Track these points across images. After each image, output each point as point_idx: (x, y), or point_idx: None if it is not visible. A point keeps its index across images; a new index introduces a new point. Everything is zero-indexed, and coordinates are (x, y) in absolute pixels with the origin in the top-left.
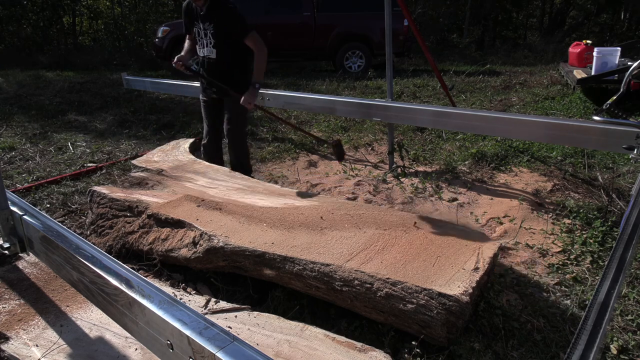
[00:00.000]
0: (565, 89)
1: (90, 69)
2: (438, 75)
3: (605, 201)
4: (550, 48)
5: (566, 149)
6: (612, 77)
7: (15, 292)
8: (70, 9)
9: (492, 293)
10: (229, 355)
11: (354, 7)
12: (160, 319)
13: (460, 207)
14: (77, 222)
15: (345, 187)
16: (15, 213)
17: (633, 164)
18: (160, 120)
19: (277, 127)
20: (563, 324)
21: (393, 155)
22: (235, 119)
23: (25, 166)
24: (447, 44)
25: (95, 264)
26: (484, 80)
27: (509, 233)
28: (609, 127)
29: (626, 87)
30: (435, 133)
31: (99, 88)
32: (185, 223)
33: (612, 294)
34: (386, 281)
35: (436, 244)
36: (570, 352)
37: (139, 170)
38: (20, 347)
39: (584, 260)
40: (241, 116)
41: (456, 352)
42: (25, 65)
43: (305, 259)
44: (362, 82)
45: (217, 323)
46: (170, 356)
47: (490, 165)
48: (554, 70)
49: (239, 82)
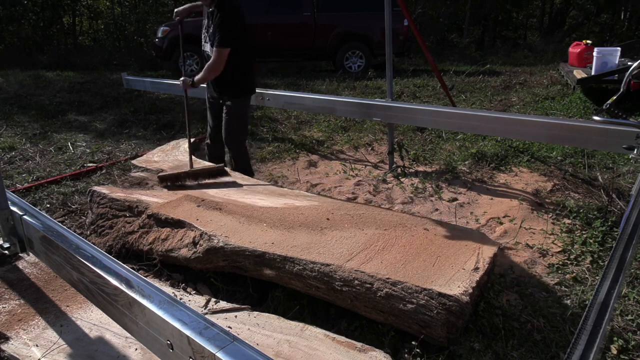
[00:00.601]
0: (565, 89)
1: (90, 69)
2: (438, 75)
3: (605, 201)
4: (550, 48)
5: (566, 149)
6: (612, 77)
7: (15, 292)
8: (70, 9)
9: (492, 293)
10: (229, 355)
11: (354, 7)
12: (160, 319)
13: (460, 207)
14: (77, 222)
15: (345, 187)
16: (15, 213)
17: (633, 164)
18: (160, 120)
19: (277, 127)
20: (563, 324)
21: (393, 155)
22: (231, 123)
23: (25, 166)
24: (447, 44)
25: (95, 264)
26: (484, 80)
27: (509, 233)
28: (609, 127)
29: (626, 87)
30: (435, 133)
31: (99, 88)
32: (185, 223)
33: (612, 294)
34: (386, 281)
35: (436, 244)
36: (570, 352)
37: (139, 170)
38: (20, 347)
39: (584, 260)
40: (236, 121)
41: (456, 352)
42: (25, 65)
43: (305, 259)
44: (362, 82)
45: (217, 323)
46: (170, 356)
47: (490, 165)
48: (554, 70)
49: (232, 84)
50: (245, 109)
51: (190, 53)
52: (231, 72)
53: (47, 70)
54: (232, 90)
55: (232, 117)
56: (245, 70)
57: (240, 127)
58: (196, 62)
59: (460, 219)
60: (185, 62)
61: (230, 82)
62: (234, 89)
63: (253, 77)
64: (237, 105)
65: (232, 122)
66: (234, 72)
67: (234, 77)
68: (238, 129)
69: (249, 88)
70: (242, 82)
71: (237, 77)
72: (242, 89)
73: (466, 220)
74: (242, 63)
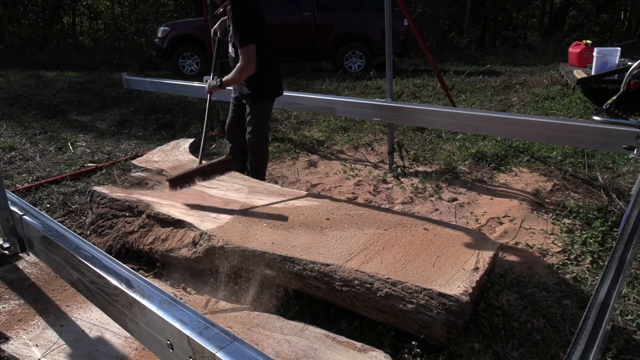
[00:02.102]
0: (565, 89)
1: (90, 69)
2: (438, 75)
3: (605, 201)
4: (550, 48)
5: (566, 149)
6: (612, 77)
7: (15, 292)
8: (70, 8)
9: (492, 293)
10: (229, 355)
11: (354, 7)
12: (160, 319)
13: (460, 207)
14: (77, 222)
15: (345, 187)
16: (15, 213)
17: (633, 164)
18: (160, 120)
19: (277, 127)
20: (563, 324)
21: (393, 155)
22: (252, 125)
23: (25, 166)
24: (447, 44)
25: (95, 264)
26: (484, 80)
27: (509, 233)
28: (609, 127)
29: (626, 87)
30: (435, 133)
31: (99, 88)
32: (185, 223)
33: (612, 294)
34: (386, 281)
35: (436, 244)
36: (570, 352)
37: (139, 170)
38: (20, 347)
39: (584, 260)
40: (259, 123)
41: (456, 352)
42: (25, 65)
43: (305, 259)
44: (362, 82)
45: (217, 323)
46: (170, 356)
47: (490, 165)
48: (554, 70)
49: (252, 86)
50: (267, 111)
51: (191, 53)
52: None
53: (47, 70)
54: (251, 94)
55: (253, 120)
56: (266, 70)
57: (261, 130)
58: (196, 62)
59: (460, 219)
60: (186, 62)
61: (250, 83)
62: (252, 93)
63: (274, 79)
64: (256, 110)
65: (252, 124)
66: (254, 73)
67: (254, 79)
68: (260, 132)
69: (268, 92)
70: (258, 86)
71: (257, 78)
72: (259, 93)
73: (466, 220)
74: (262, 64)
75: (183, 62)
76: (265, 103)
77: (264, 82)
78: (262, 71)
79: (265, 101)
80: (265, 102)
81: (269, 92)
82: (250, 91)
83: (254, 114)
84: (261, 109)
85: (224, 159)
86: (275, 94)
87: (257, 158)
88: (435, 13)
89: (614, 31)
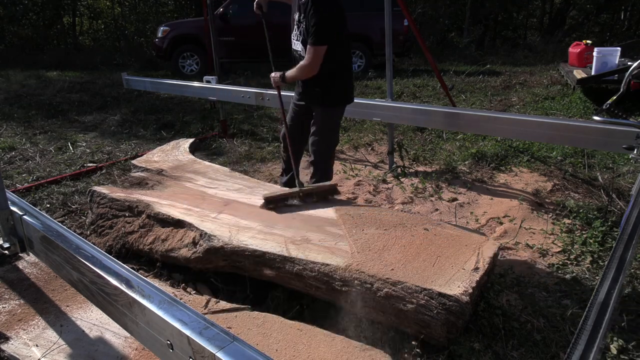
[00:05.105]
0: (565, 89)
1: (90, 69)
2: (438, 75)
3: (605, 201)
4: (550, 48)
5: (566, 149)
6: (612, 77)
7: (15, 292)
8: (71, 8)
9: (492, 293)
10: (229, 355)
11: (353, 7)
12: (160, 319)
13: (460, 207)
14: (77, 222)
15: (345, 187)
16: (15, 213)
17: (633, 164)
18: (160, 120)
19: (277, 127)
20: (563, 324)
21: (393, 155)
22: (321, 131)
23: (25, 166)
24: (447, 44)
25: (95, 264)
26: (484, 80)
27: (509, 233)
28: (609, 127)
29: (626, 87)
30: (435, 133)
31: (99, 88)
32: (185, 223)
33: (612, 294)
34: (386, 281)
35: (436, 244)
36: (570, 352)
37: (139, 170)
38: (20, 347)
39: (584, 260)
40: (329, 131)
41: (456, 352)
42: (25, 65)
43: (305, 259)
44: (362, 82)
45: (217, 323)
46: (170, 356)
47: (490, 165)
48: (554, 70)
49: (324, 88)
50: (335, 120)
51: (191, 53)
52: (320, 76)
53: (47, 70)
54: (322, 97)
55: (320, 128)
56: (339, 75)
57: (331, 137)
58: (196, 62)
59: (460, 219)
60: (186, 62)
61: (319, 87)
62: (324, 96)
63: (349, 85)
64: (326, 115)
65: (321, 131)
66: (325, 76)
67: (324, 82)
68: (326, 141)
69: (341, 97)
70: (333, 89)
71: (327, 82)
72: (333, 97)
73: (466, 220)
74: (337, 67)
75: (183, 62)
76: (337, 109)
77: (338, 86)
78: (339, 74)
79: (337, 105)
80: (336, 108)
81: (341, 97)
82: (321, 95)
83: (323, 121)
84: (331, 116)
85: (328, 185)
86: (348, 101)
87: (320, 174)
88: (435, 13)
89: (614, 31)
